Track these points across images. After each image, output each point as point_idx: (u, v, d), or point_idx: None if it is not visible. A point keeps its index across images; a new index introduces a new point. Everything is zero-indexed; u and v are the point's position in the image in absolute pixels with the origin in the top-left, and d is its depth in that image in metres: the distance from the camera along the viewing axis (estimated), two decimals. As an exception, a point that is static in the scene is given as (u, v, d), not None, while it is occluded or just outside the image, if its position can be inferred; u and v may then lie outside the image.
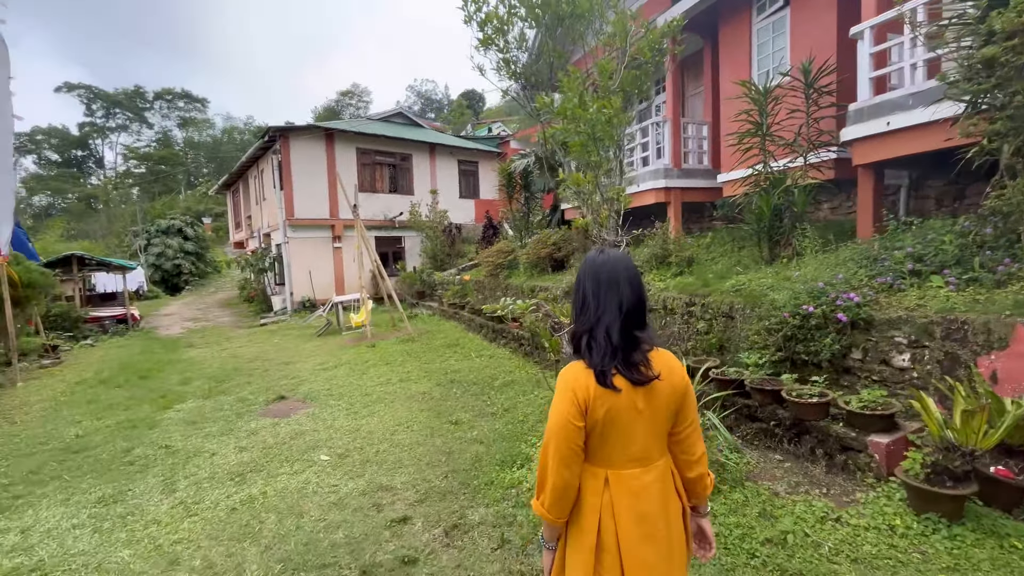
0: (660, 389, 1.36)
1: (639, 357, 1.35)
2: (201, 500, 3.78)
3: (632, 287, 1.40)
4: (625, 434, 1.36)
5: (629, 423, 1.35)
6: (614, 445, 1.37)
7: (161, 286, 25.45)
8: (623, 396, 1.33)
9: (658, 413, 1.38)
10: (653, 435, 1.39)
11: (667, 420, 1.41)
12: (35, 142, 49.67)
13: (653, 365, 1.36)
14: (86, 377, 8.27)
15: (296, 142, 15.08)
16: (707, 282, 5.38)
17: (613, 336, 1.34)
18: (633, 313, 1.38)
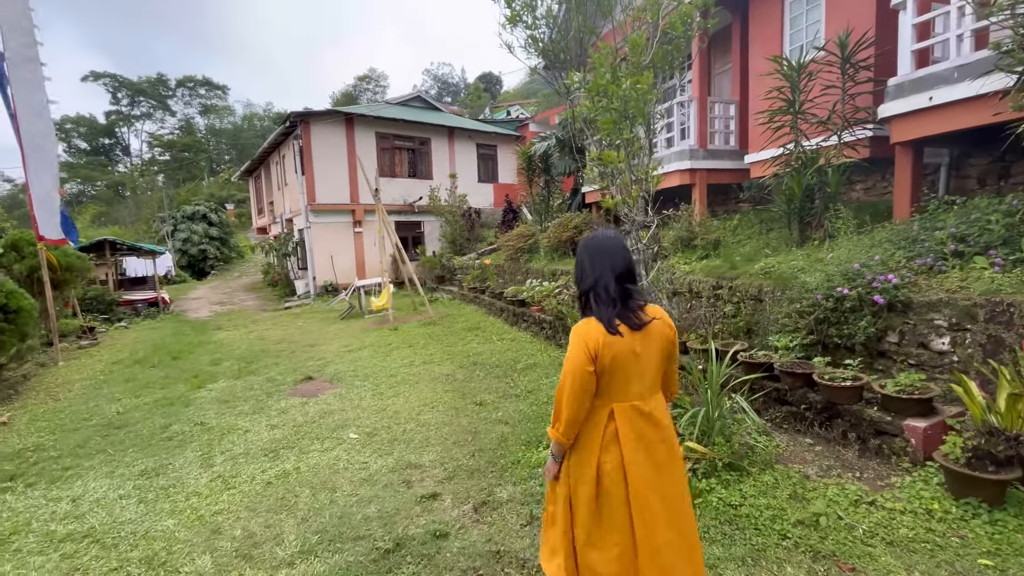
0: (654, 334, 1.68)
1: (634, 305, 1.67)
2: (238, 474, 3.92)
3: (620, 255, 1.72)
4: (627, 375, 1.65)
5: (630, 365, 1.64)
6: (619, 385, 1.66)
7: (188, 271, 26.12)
8: (625, 341, 1.62)
9: (653, 356, 1.69)
10: (650, 375, 1.69)
11: (661, 362, 1.72)
12: (64, 131, 50.96)
13: (647, 313, 1.69)
14: (122, 357, 8.58)
15: (316, 127, 15.16)
16: (735, 265, 5.28)
17: (611, 290, 1.66)
18: (624, 274, 1.70)
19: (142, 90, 52.42)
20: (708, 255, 6.00)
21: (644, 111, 2.91)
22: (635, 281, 1.74)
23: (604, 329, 1.62)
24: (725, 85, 9.24)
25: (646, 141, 3.22)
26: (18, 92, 7.63)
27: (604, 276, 1.69)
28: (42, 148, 7.86)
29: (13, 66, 7.61)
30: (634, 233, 3.28)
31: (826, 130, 5.45)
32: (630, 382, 1.66)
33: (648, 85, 2.82)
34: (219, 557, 2.84)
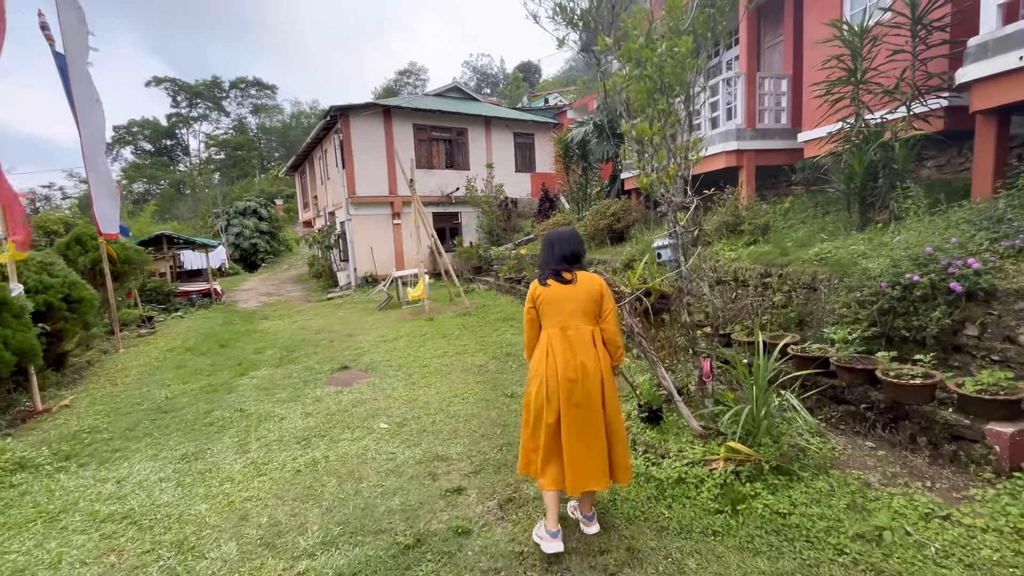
0: (580, 287, 2.50)
1: (563, 272, 2.53)
2: (270, 461, 3.97)
3: (561, 243, 2.59)
4: (554, 312, 2.52)
5: (556, 305, 2.51)
6: (549, 314, 2.54)
7: (240, 263, 27.40)
8: (552, 291, 2.52)
9: (579, 301, 2.49)
10: (576, 313, 2.49)
11: (587, 305, 2.50)
12: (131, 134, 54.52)
13: (577, 277, 2.52)
14: (175, 345, 9.03)
15: (356, 121, 15.40)
16: (785, 251, 4.88)
17: (551, 264, 2.58)
18: (564, 256, 2.57)
19: (199, 93, 55.23)
20: (756, 241, 5.59)
21: (683, 80, 2.64)
22: (572, 258, 2.57)
23: (538, 283, 2.58)
24: (776, 59, 8.60)
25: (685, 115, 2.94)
26: (77, 90, 8.08)
27: (549, 258, 2.60)
28: (97, 147, 8.31)
29: (73, 65, 8.05)
30: (671, 215, 3.01)
31: (892, 101, 4.92)
32: (557, 316, 2.51)
33: (687, 50, 2.54)
34: (244, 544, 2.85)
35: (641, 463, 3.20)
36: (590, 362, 2.43)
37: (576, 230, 2.64)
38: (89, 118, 8.17)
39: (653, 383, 3.97)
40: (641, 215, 8.66)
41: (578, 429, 2.43)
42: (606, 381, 2.49)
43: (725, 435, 3.21)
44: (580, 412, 2.43)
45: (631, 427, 3.67)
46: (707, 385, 3.45)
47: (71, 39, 7.93)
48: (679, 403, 3.13)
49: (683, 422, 3.58)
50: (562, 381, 2.42)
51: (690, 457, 3.08)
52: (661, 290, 3.22)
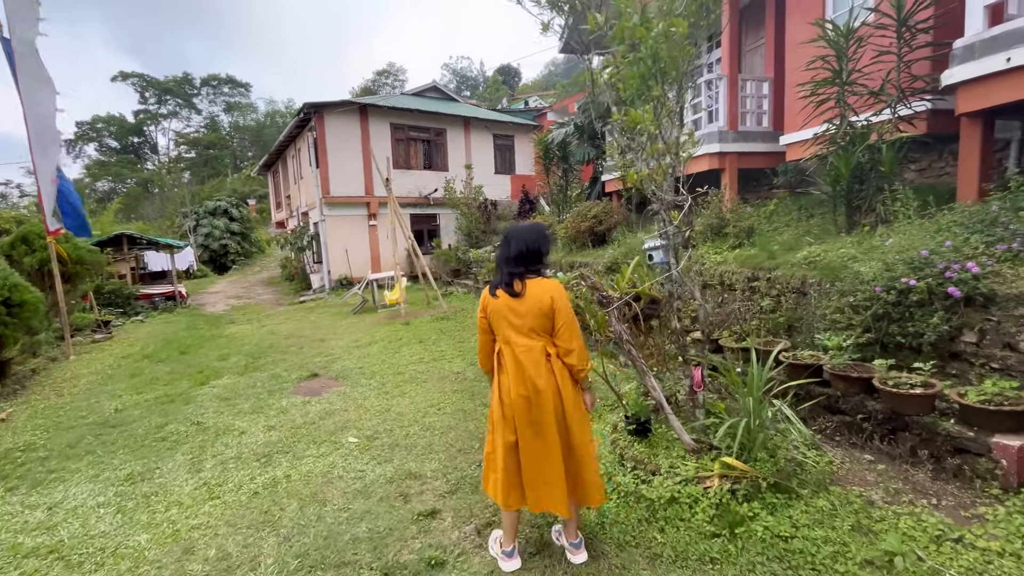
0: (528, 300, 2.25)
1: (510, 281, 2.29)
2: (225, 481, 3.61)
3: (521, 241, 2.32)
4: (505, 325, 2.31)
5: (504, 316, 2.30)
6: (498, 329, 2.35)
7: (210, 265, 26.41)
8: (502, 302, 2.31)
9: (526, 317, 2.26)
10: (523, 329, 2.28)
11: (538, 319, 2.25)
12: (96, 130, 52.37)
13: (528, 287, 2.27)
14: (132, 352, 8.47)
15: (331, 118, 14.93)
16: (773, 254, 4.75)
17: (502, 270, 2.34)
18: (513, 258, 2.31)
19: (169, 89, 53.40)
20: (741, 244, 5.47)
21: (679, 65, 2.44)
22: (527, 262, 2.30)
23: (488, 292, 2.38)
24: (757, 63, 8.59)
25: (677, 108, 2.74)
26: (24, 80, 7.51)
27: (500, 259, 2.37)
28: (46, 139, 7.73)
29: (21, 57, 7.48)
30: (663, 214, 2.81)
31: (878, 103, 4.85)
32: (508, 331, 2.31)
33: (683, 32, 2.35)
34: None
35: (630, 480, 2.98)
36: (542, 380, 2.24)
37: (542, 224, 2.39)
38: (37, 100, 7.59)
39: (640, 392, 3.76)
40: (623, 217, 8.52)
41: (533, 449, 2.28)
42: (566, 400, 2.28)
43: (719, 449, 3.01)
44: (535, 432, 2.27)
45: (618, 440, 3.45)
46: (698, 395, 3.26)
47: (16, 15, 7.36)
48: (670, 415, 2.92)
49: (673, 434, 3.38)
50: (516, 399, 2.28)
51: (683, 474, 2.87)
52: (651, 295, 3.01)
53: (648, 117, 2.48)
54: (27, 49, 7.54)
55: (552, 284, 2.30)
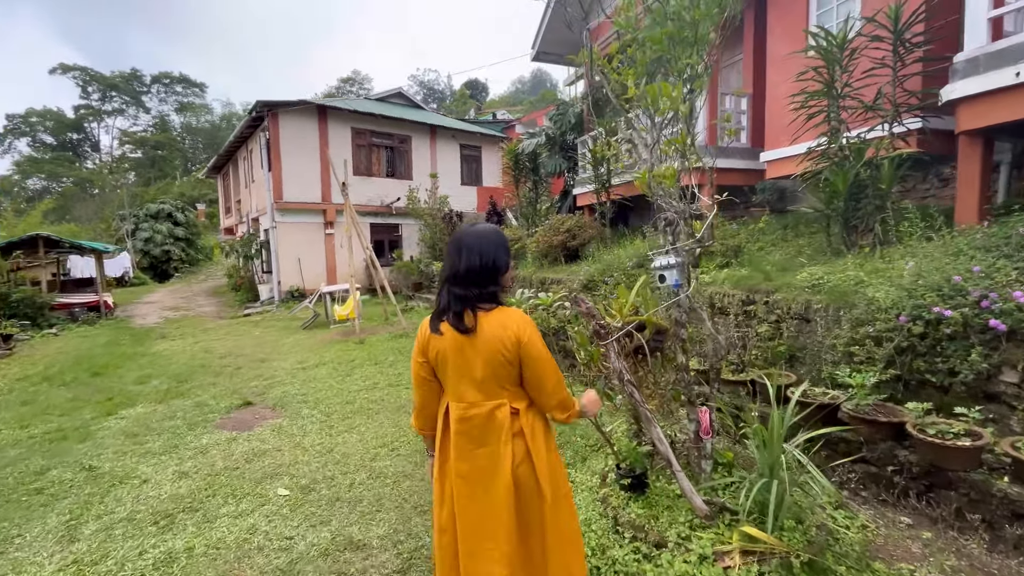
0: (484, 340, 1.59)
1: (465, 311, 1.60)
2: (104, 558, 2.77)
3: (469, 252, 1.63)
4: (454, 374, 1.65)
5: (456, 363, 1.64)
6: (449, 383, 1.68)
7: (149, 272, 24.41)
8: (447, 340, 1.63)
9: (479, 360, 1.61)
10: (477, 379, 1.63)
11: (494, 369, 1.61)
12: (30, 124, 48.57)
13: (481, 322, 1.60)
14: (32, 373, 7.25)
15: (286, 119, 13.97)
16: (768, 275, 4.35)
17: (445, 293, 1.65)
18: (460, 275, 1.62)
19: (115, 85, 50.17)
20: (728, 263, 5.07)
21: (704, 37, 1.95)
22: (481, 282, 1.63)
23: (429, 326, 1.69)
24: (733, 79, 8.43)
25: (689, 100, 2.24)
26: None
27: (447, 274, 1.68)
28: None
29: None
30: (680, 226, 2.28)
31: (874, 117, 4.59)
32: (459, 382, 1.67)
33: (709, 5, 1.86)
34: None
35: (630, 557, 2.38)
36: (498, 459, 1.63)
37: (498, 228, 1.77)
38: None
39: (630, 433, 3.20)
40: (597, 232, 8.08)
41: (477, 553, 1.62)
42: (540, 476, 1.65)
43: (734, 513, 2.47)
44: (478, 527, 1.63)
45: (609, 497, 2.85)
46: (705, 443, 2.71)
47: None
48: (679, 475, 2.36)
49: (673, 488, 2.82)
50: (455, 479, 1.66)
51: (697, 548, 2.30)
52: (659, 324, 2.47)
53: (678, 92, 1.95)
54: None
55: (517, 317, 1.64)
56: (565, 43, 11.43)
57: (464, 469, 1.65)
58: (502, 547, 1.60)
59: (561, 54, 11.22)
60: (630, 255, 6.32)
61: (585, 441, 3.86)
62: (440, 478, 1.72)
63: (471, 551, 1.63)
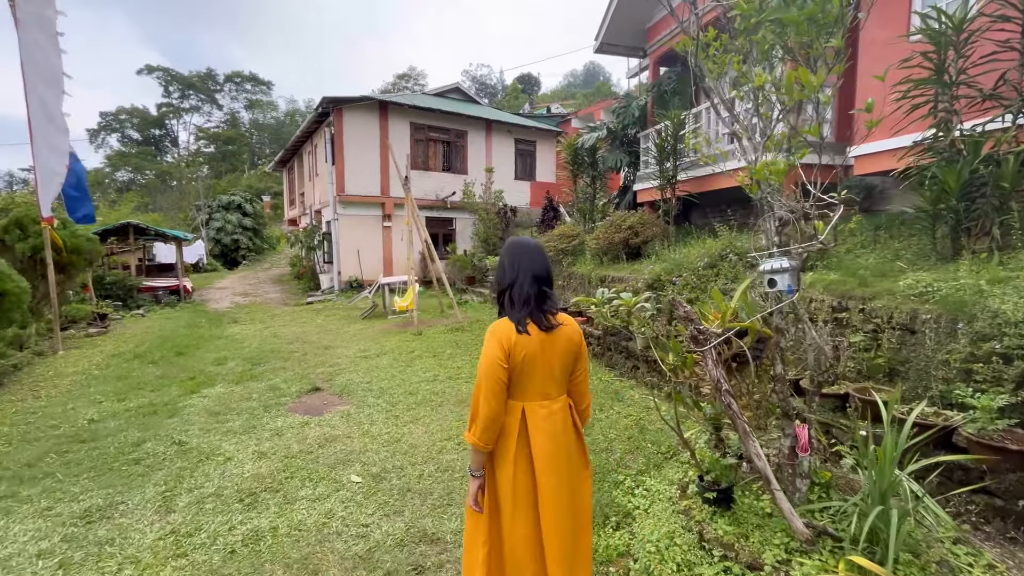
0: (560, 338, 1.77)
1: (546, 308, 1.77)
2: (198, 530, 2.93)
3: (540, 260, 1.84)
4: (536, 375, 1.75)
5: (539, 365, 1.74)
6: (528, 382, 1.75)
7: (220, 259, 26.05)
8: (533, 341, 1.71)
9: (558, 358, 1.77)
10: (556, 377, 1.79)
11: (566, 366, 1.80)
12: (119, 121, 52.89)
13: (556, 322, 1.77)
14: (124, 350, 7.87)
15: (350, 115, 14.43)
16: (864, 281, 4.00)
17: (526, 291, 1.76)
18: (541, 278, 1.80)
19: (192, 84, 53.80)
20: (814, 266, 4.72)
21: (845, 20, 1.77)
22: (551, 285, 1.83)
23: (515, 328, 1.71)
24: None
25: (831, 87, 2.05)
26: (28, 56, 7.01)
27: (522, 278, 1.78)
28: (51, 120, 7.21)
29: (24, 28, 7.00)
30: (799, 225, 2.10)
31: (994, 108, 4.11)
32: (539, 382, 1.76)
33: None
34: None
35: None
36: (576, 447, 1.85)
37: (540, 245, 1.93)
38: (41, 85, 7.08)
39: (710, 444, 3.03)
40: (661, 230, 7.80)
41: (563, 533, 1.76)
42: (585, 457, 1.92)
43: (840, 540, 2.27)
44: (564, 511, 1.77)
45: (691, 510, 2.71)
46: (802, 461, 2.52)
47: None
48: (778, 494, 2.19)
49: (762, 505, 2.64)
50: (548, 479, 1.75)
51: (799, 574, 2.13)
52: (763, 331, 2.30)
53: (817, 78, 1.79)
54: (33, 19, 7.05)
55: (570, 318, 1.84)
56: (629, 35, 11.10)
57: (554, 464, 1.75)
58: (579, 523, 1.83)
59: (626, 46, 10.90)
60: (699, 254, 6.04)
61: (657, 448, 3.71)
62: (498, 492, 1.76)
63: (560, 542, 1.73)
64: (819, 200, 2.08)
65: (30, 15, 7.04)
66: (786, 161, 2.09)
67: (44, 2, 7.22)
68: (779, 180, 2.12)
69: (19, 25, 7.00)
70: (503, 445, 1.75)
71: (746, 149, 2.27)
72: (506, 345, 1.69)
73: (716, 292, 2.49)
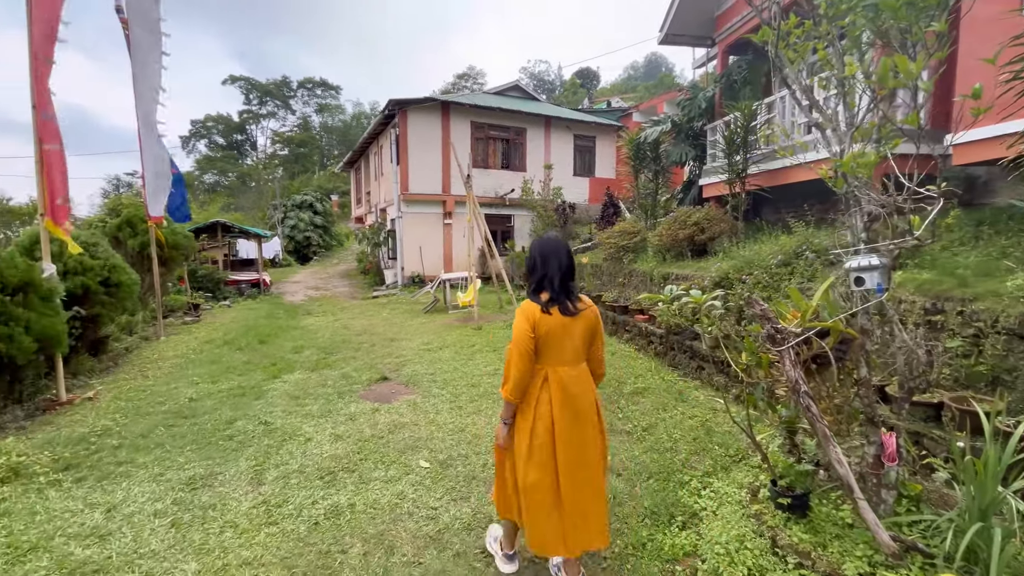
0: (580, 319, 2.18)
1: (573, 298, 2.18)
2: (285, 502, 3.20)
3: (565, 257, 2.21)
4: (558, 345, 2.15)
5: (560, 338, 2.15)
6: (551, 352, 2.16)
7: (293, 255, 27.87)
8: (555, 320, 2.13)
9: (579, 334, 2.19)
10: (576, 348, 2.19)
11: (585, 341, 2.22)
12: (206, 128, 57.73)
13: (580, 304, 2.20)
14: (215, 337, 8.65)
15: (413, 116, 14.94)
16: (963, 280, 3.67)
17: (555, 284, 2.16)
18: (567, 271, 2.19)
19: (269, 91, 57.76)
20: (903, 265, 4.37)
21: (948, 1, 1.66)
22: (573, 277, 2.22)
23: (540, 309, 2.13)
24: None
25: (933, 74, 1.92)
26: (139, 71, 7.85)
27: (551, 272, 2.17)
28: (153, 130, 8.05)
29: (136, 47, 7.84)
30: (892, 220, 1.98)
31: None
32: (559, 352, 2.16)
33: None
34: (227, 649, 2.05)
35: (796, 585, 2.16)
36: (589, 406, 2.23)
37: (564, 242, 2.31)
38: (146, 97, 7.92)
39: (784, 448, 2.91)
40: (729, 226, 7.49)
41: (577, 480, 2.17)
42: (600, 412, 2.32)
43: (931, 556, 2.13)
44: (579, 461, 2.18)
45: (763, 515, 2.63)
46: (889, 471, 2.37)
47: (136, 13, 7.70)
48: (861, 504, 2.08)
49: (842, 515, 2.51)
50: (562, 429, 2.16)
51: (883, 591, 2.02)
52: (845, 332, 2.19)
53: (917, 64, 1.69)
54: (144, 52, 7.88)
55: (591, 303, 2.27)
56: (696, 24, 10.69)
57: (568, 415, 2.14)
58: (590, 468, 2.19)
59: (693, 35, 10.52)
60: (772, 251, 5.76)
61: (725, 451, 3.61)
62: (529, 437, 2.15)
63: (572, 481, 2.14)
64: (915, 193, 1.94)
65: (140, 36, 7.87)
66: (876, 152, 1.96)
67: (152, 25, 8.05)
68: (867, 173, 2.00)
69: (131, 45, 7.85)
70: (526, 401, 2.18)
71: (829, 140, 2.16)
72: (532, 320, 2.11)
73: (794, 290, 2.38)
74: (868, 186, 2.02)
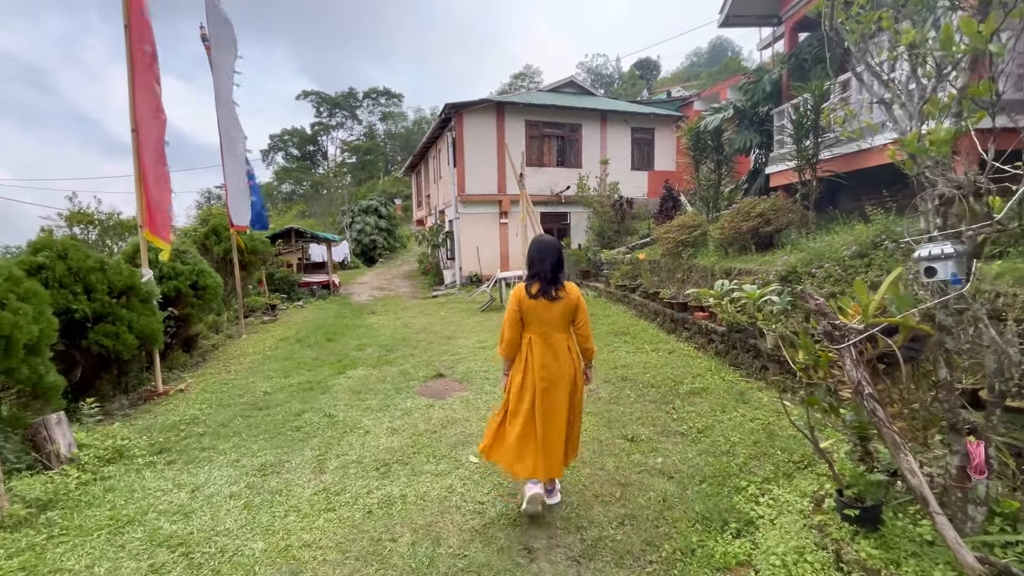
0: (560, 302, 2.87)
1: (557, 286, 2.88)
2: (344, 490, 3.39)
3: (556, 253, 2.92)
4: (537, 319, 2.88)
5: (539, 314, 2.87)
6: (531, 323, 2.90)
7: (361, 258, 29.32)
8: (536, 302, 2.86)
9: (558, 312, 2.88)
10: (555, 322, 2.89)
11: (564, 317, 2.91)
12: (283, 141, 62.11)
13: (561, 292, 2.89)
14: (289, 335, 9.31)
15: (469, 118, 15.22)
16: (1079, 270, 3.19)
17: (546, 276, 2.87)
18: (556, 265, 2.89)
19: (337, 103, 61.16)
20: (1003, 253, 3.87)
21: None
22: (562, 269, 2.93)
23: (526, 292, 2.88)
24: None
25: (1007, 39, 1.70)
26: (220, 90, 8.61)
27: (544, 266, 2.88)
28: (233, 141, 8.78)
29: (217, 69, 8.60)
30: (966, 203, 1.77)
31: None
32: (539, 324, 2.89)
33: None
34: (285, 623, 2.21)
35: (862, 604, 1.99)
36: (565, 366, 2.89)
37: (557, 241, 2.98)
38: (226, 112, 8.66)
39: (853, 455, 2.67)
40: (798, 216, 6.98)
41: (550, 420, 2.85)
42: (577, 382, 2.97)
43: (1027, 583, 1.87)
44: (553, 408, 2.86)
45: (827, 526, 2.44)
46: (977, 484, 2.11)
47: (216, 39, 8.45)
48: (940, 519, 1.87)
49: (920, 531, 2.27)
50: (539, 380, 2.84)
51: (965, 617, 1.81)
52: (920, 328, 1.98)
53: (987, 27, 1.50)
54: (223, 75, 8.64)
55: (573, 288, 2.95)
56: (759, 3, 10.06)
57: (547, 374, 2.85)
58: (561, 417, 2.88)
59: (756, 15, 9.91)
60: (846, 242, 5.30)
61: (788, 456, 3.38)
62: (521, 382, 2.90)
63: (547, 421, 2.84)
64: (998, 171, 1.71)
65: (220, 60, 8.64)
66: (948, 129, 1.75)
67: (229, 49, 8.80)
68: (941, 151, 1.79)
69: (213, 68, 8.63)
70: (517, 359, 2.96)
71: (899, 118, 1.94)
72: (518, 299, 2.90)
73: (859, 283, 2.18)
74: (946, 166, 1.80)
